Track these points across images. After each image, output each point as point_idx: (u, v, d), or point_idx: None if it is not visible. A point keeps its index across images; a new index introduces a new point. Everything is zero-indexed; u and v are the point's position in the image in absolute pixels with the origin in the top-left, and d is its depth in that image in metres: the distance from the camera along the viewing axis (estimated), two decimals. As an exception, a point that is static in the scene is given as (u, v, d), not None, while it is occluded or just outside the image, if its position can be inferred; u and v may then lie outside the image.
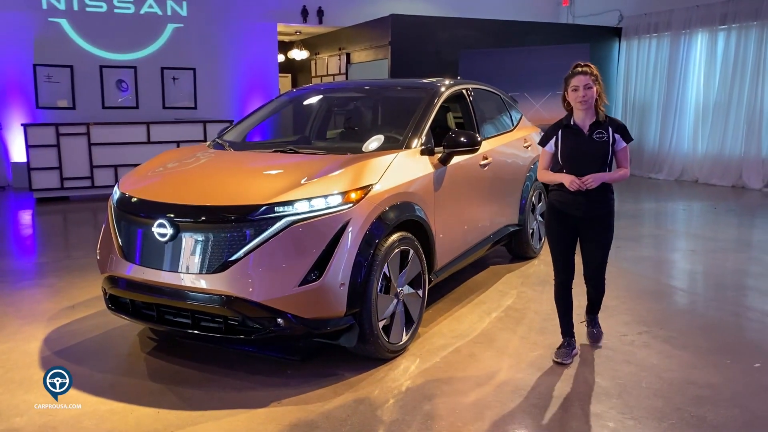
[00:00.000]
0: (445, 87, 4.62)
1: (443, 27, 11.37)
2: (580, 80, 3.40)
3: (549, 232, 3.71)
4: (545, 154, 3.66)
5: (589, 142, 3.45)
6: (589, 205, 3.48)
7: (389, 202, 3.56)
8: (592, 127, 3.45)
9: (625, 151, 3.52)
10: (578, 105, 3.43)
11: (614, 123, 3.50)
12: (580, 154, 3.47)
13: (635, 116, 12.76)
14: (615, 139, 3.48)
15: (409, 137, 4.04)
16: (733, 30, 10.93)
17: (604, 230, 3.59)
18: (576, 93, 3.41)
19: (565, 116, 3.58)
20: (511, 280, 5.25)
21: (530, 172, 5.63)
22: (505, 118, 5.62)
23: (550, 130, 3.63)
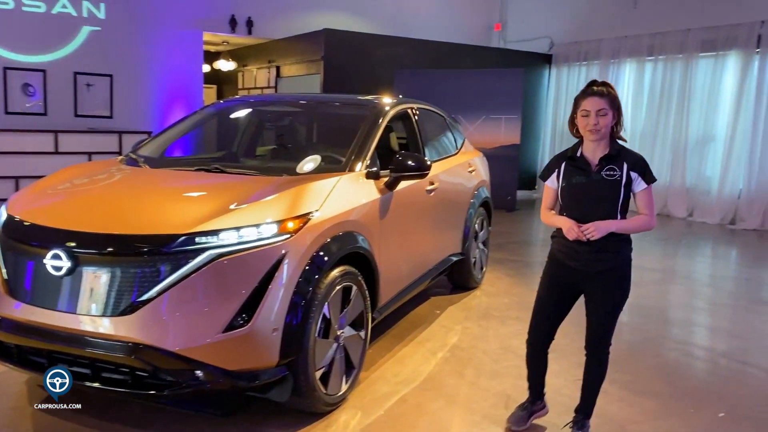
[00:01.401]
0: (390, 105, 4.24)
1: (378, 44, 11.09)
2: (593, 103, 2.73)
3: (540, 283, 3.06)
4: (548, 191, 3.01)
5: (596, 181, 2.78)
6: (592, 257, 2.80)
7: (331, 233, 3.12)
8: (602, 161, 2.77)
9: (647, 195, 2.80)
10: (588, 134, 2.76)
11: (631, 158, 2.78)
12: (583, 194, 2.81)
13: (564, 143, 12.82)
14: (631, 178, 2.76)
15: (352, 159, 3.62)
16: (660, 61, 11.18)
17: (612, 290, 2.85)
18: (587, 119, 2.74)
19: (573, 145, 2.92)
20: (454, 313, 4.89)
21: (474, 199, 5.33)
22: (449, 141, 5.30)
23: (552, 162, 2.99)
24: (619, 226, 2.79)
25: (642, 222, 2.82)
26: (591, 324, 2.93)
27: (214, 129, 4.95)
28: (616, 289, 2.86)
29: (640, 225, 2.82)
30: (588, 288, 2.89)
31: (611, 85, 2.81)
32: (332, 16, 12.29)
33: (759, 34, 9.69)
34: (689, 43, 10.65)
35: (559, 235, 2.93)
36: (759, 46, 9.72)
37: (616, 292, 2.86)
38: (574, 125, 2.87)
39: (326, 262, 3.03)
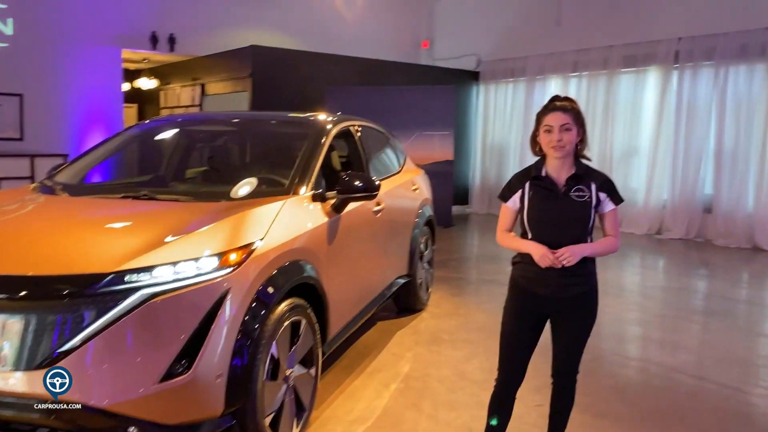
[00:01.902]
0: (332, 123, 4.01)
1: (307, 61, 10.87)
2: (556, 118, 2.57)
3: (505, 315, 2.77)
4: (507, 212, 2.76)
5: (565, 203, 2.58)
6: (563, 283, 2.60)
7: (278, 263, 2.85)
8: (570, 182, 2.59)
9: (614, 216, 2.65)
10: (552, 151, 2.58)
11: (598, 178, 2.64)
12: (552, 217, 2.61)
13: (494, 159, 12.98)
14: (599, 199, 2.60)
15: (296, 181, 3.36)
16: (584, 77, 11.47)
17: (582, 316, 2.69)
18: (550, 135, 2.57)
19: (535, 164, 2.70)
20: (403, 339, 4.68)
21: (418, 218, 5.16)
22: (392, 159, 5.12)
23: (514, 181, 2.74)
24: (593, 250, 2.61)
25: (610, 244, 2.67)
26: (559, 351, 2.75)
27: (139, 151, 4.58)
28: (586, 314, 2.71)
29: (609, 248, 2.66)
30: (557, 314, 2.71)
31: (574, 100, 2.68)
32: (258, 32, 11.98)
33: (677, 50, 10.07)
34: (612, 60, 10.96)
35: (523, 261, 2.72)
36: (677, 61, 10.09)
37: (586, 318, 2.71)
38: (536, 143, 2.69)
39: (273, 297, 2.76)
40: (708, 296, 6.50)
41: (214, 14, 11.87)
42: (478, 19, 13.32)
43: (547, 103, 2.68)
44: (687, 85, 10.00)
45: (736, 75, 9.46)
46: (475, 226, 11.38)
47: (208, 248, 2.59)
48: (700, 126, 9.86)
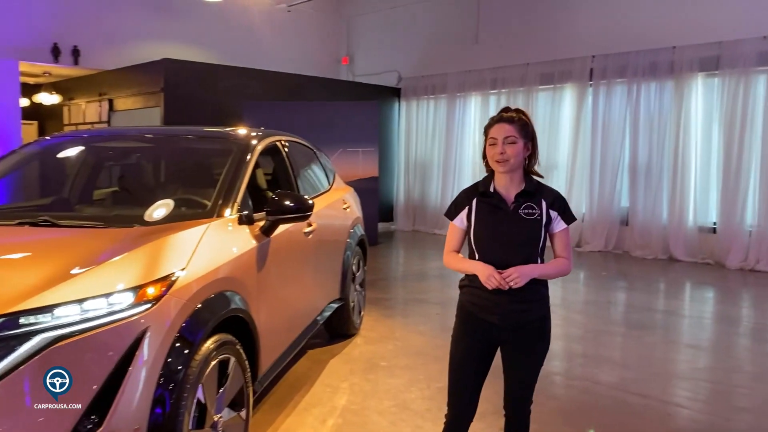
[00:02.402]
0: (258, 138, 3.71)
1: (224, 76, 10.46)
2: (500, 130, 2.42)
3: (453, 344, 2.58)
4: (453, 231, 2.59)
5: (514, 220, 2.43)
6: (513, 309, 2.43)
7: (203, 295, 2.53)
8: (518, 198, 2.44)
9: (566, 235, 2.50)
10: (496, 166, 2.43)
11: (549, 195, 2.49)
12: (499, 235, 2.44)
13: (417, 174, 12.94)
14: (551, 217, 2.45)
15: (220, 202, 3.04)
16: (503, 94, 11.62)
17: (534, 343, 2.51)
18: (493, 148, 2.42)
19: (483, 179, 2.54)
20: (337, 368, 4.40)
21: (350, 238, 4.91)
22: (321, 176, 4.86)
23: (461, 198, 2.58)
24: (543, 271, 2.44)
25: (562, 266, 2.50)
26: (512, 382, 2.56)
27: (39, 171, 4.10)
28: (539, 341, 2.53)
29: (560, 269, 2.49)
30: (507, 343, 2.51)
31: (524, 111, 2.52)
32: (171, 45, 11.45)
33: (591, 68, 10.37)
34: (529, 77, 11.18)
35: (471, 284, 2.52)
36: (591, 79, 10.39)
37: (539, 345, 2.53)
38: (485, 156, 2.53)
39: (198, 334, 2.43)
40: (633, 308, 6.58)
41: (123, 25, 11.26)
42: (398, 35, 13.33)
43: (494, 115, 2.53)
44: (602, 101, 10.30)
45: (648, 91, 9.82)
46: (401, 243, 11.25)
47: (121, 282, 2.24)
48: (615, 141, 10.17)
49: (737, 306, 6.83)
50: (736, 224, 8.88)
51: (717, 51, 9.06)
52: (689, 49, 9.32)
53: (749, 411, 3.84)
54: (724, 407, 3.88)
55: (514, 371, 2.54)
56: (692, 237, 9.38)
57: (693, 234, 9.37)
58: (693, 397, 4.06)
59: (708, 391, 4.17)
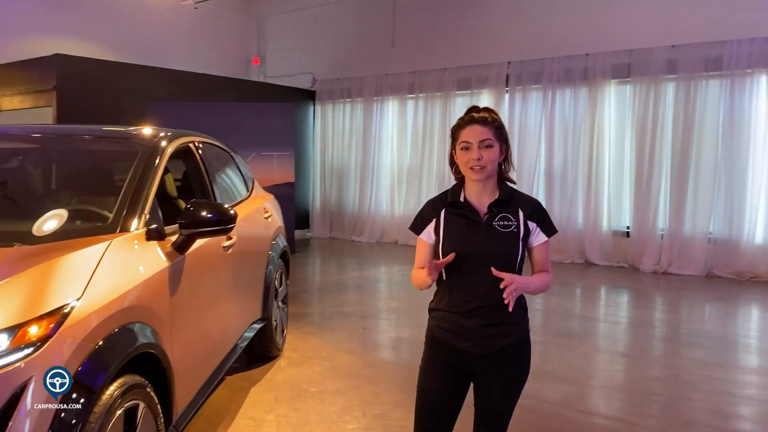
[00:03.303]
0: (168, 139, 3.20)
1: (125, 74, 9.67)
2: (474, 133, 2.13)
3: (421, 374, 2.27)
4: (421, 247, 2.29)
5: (488, 234, 2.15)
6: (487, 333, 2.14)
7: (103, 331, 2.04)
8: (492, 209, 2.17)
9: (546, 249, 2.24)
10: (470, 173, 2.15)
11: (527, 204, 2.21)
12: (472, 251, 2.14)
13: (334, 180, 12.56)
14: (529, 229, 2.18)
15: (124, 214, 2.54)
16: (421, 99, 11.46)
17: (511, 371, 2.21)
18: (468, 154, 2.14)
19: (452, 188, 2.28)
20: (260, 397, 3.94)
21: (272, 251, 4.47)
22: (239, 182, 4.39)
23: (427, 209, 2.29)
24: (537, 284, 2.18)
25: (546, 280, 2.24)
26: (484, 414, 2.25)
27: None
28: (517, 369, 2.23)
29: (545, 283, 2.23)
30: (481, 371, 2.21)
31: (495, 111, 2.24)
32: (64, 40, 10.48)
33: (507, 74, 10.37)
34: (446, 82, 11.07)
35: (440, 308, 2.24)
36: (508, 85, 10.40)
37: (516, 374, 2.23)
38: (454, 163, 2.25)
39: (98, 379, 1.96)
40: (558, 315, 6.48)
41: (8, 17, 10.19)
42: (312, 36, 12.90)
43: (463, 115, 2.23)
44: (518, 107, 10.32)
45: (563, 98, 9.92)
46: (319, 252, 10.82)
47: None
48: (531, 146, 10.21)
49: (658, 310, 6.90)
50: (649, 228, 9.09)
51: (628, 59, 9.27)
52: (602, 57, 9.48)
53: (697, 426, 3.72)
54: (675, 422, 3.74)
55: (488, 402, 2.24)
56: (607, 241, 9.53)
57: (608, 238, 9.53)
58: (638, 411, 3.90)
59: (654, 404, 4.03)
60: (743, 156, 8.44)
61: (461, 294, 2.17)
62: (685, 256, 8.77)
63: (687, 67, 8.77)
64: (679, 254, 8.82)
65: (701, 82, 8.75)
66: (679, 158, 8.86)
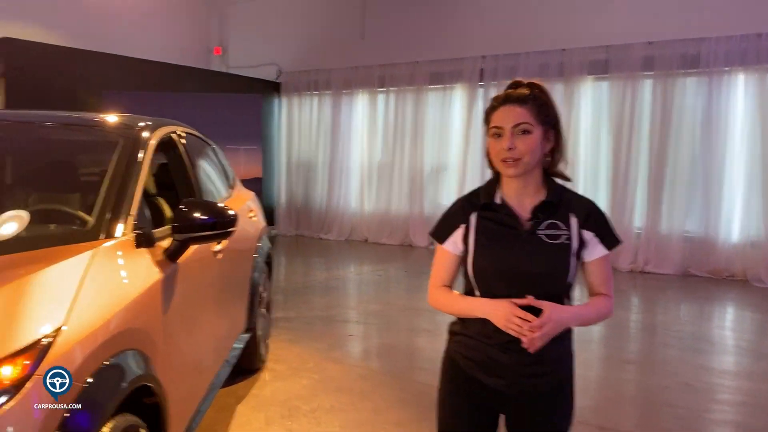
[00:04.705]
0: (150, 129, 2.77)
1: (78, 61, 9.06)
2: (507, 116, 1.72)
3: (439, 408, 1.89)
4: (443, 259, 1.86)
5: (531, 245, 1.73)
6: (524, 372, 1.74)
7: (92, 366, 1.64)
8: (537, 213, 1.76)
9: (605, 265, 1.80)
10: (502, 167, 1.74)
11: (581, 208, 1.79)
12: (510, 267, 1.73)
13: (300, 175, 12.12)
14: (584, 240, 1.76)
15: (109, 216, 2.12)
16: (392, 93, 11.12)
17: (554, 415, 1.82)
18: (498, 142, 1.73)
19: (486, 184, 1.86)
20: (248, 416, 3.54)
21: (257, 254, 4.07)
22: (222, 178, 3.97)
23: (454, 212, 1.87)
24: (583, 316, 1.77)
25: (604, 307, 1.81)
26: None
27: None
28: (561, 413, 1.84)
29: (601, 312, 1.81)
30: (514, 414, 1.83)
31: (541, 86, 1.80)
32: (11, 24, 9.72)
33: (481, 68, 10.13)
34: (418, 76, 10.75)
35: (465, 332, 1.82)
36: (482, 79, 10.15)
37: (558, 420, 1.84)
38: (489, 154, 1.83)
39: (88, 426, 1.55)
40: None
41: (-51, -3, 9.40)
42: (277, 27, 12.36)
43: (498, 94, 1.82)
44: (492, 102, 10.09)
45: (538, 93, 9.72)
46: (285, 249, 10.38)
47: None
48: (507, 142, 9.98)
49: (645, 312, 6.76)
50: (625, 226, 8.93)
51: (605, 55, 9.13)
52: (578, 52, 9.32)
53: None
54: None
55: None
56: (583, 240, 9.40)
57: (584, 237, 9.39)
58: (654, 424, 3.67)
59: (670, 417, 3.80)
60: (720, 154, 8.38)
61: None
62: (662, 254, 8.69)
63: (664, 64, 8.67)
64: (656, 253, 8.73)
65: (679, 79, 8.67)
66: (656, 156, 8.76)
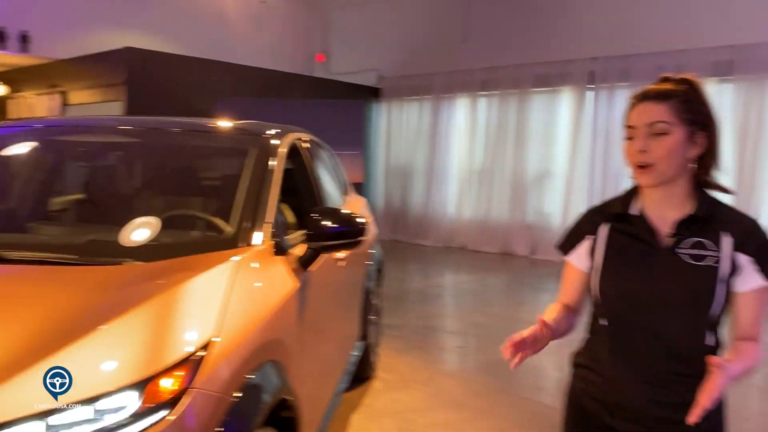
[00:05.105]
0: (278, 135, 2.77)
1: (194, 69, 9.42)
2: (642, 114, 1.46)
3: None
4: (568, 273, 1.67)
5: (668, 265, 1.47)
6: (668, 417, 1.47)
7: (241, 378, 1.60)
8: (681, 228, 1.48)
9: (760, 299, 1.47)
10: (635, 172, 1.49)
11: (739, 225, 1.48)
12: (644, 291, 1.47)
13: (398, 180, 12.10)
14: (737, 265, 1.45)
15: (247, 224, 2.10)
16: (494, 97, 10.89)
17: None
18: (631, 144, 1.49)
19: (623, 194, 1.61)
20: (363, 427, 3.47)
21: (371, 262, 4.02)
22: (337, 185, 3.95)
23: (583, 222, 1.65)
24: (741, 369, 1.43)
25: (754, 359, 1.47)
26: None
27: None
28: None
29: (753, 363, 1.47)
30: None
31: (694, 80, 1.51)
32: (132, 34, 10.29)
33: (591, 71, 9.71)
34: (523, 79, 10.45)
35: (590, 365, 1.59)
36: (592, 82, 9.73)
37: None
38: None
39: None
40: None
41: (79, 11, 10.08)
42: (378, 32, 12.44)
43: (637, 91, 1.53)
44: (603, 106, 9.65)
45: (654, 97, 9.22)
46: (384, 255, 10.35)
47: (117, 373, 1.31)
48: (618, 148, 9.44)
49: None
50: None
51: (729, 55, 8.51)
52: (699, 53, 8.72)
53: None
54: None
55: None
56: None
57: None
58: None
59: None
60: None
61: (627, 353, 1.51)
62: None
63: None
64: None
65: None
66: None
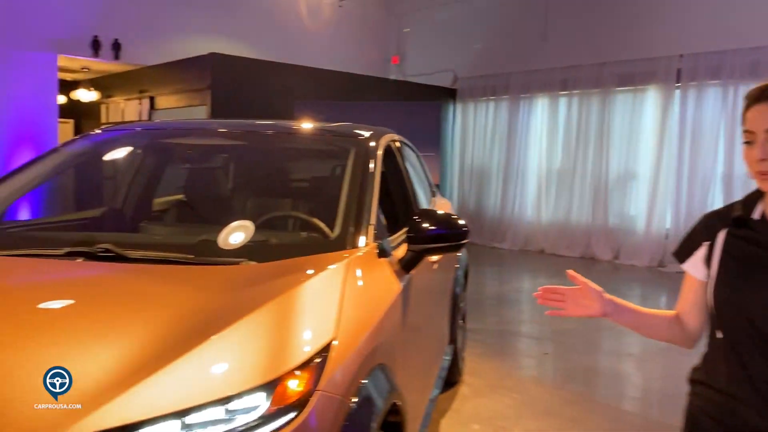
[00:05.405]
0: (375, 138, 2.77)
1: (273, 73, 9.64)
2: (758, 117, 1.36)
3: None
4: (685, 282, 1.56)
5: None
6: None
7: (357, 382, 1.59)
8: None
9: None
10: (758, 179, 1.38)
11: None
12: (762, 298, 1.35)
13: (473, 182, 11.97)
14: None
15: (352, 228, 2.11)
16: (575, 96, 10.61)
17: None
18: (750, 150, 1.37)
19: (745, 198, 1.47)
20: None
21: (459, 265, 3.97)
22: (426, 186, 3.93)
23: (700, 228, 1.53)
24: None
25: None
26: None
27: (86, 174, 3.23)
28: None
29: None
30: None
31: None
32: (215, 41, 10.63)
33: (678, 68, 9.31)
34: (605, 78, 10.14)
35: (710, 382, 1.46)
36: (679, 80, 9.32)
37: None
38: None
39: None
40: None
41: (166, 19, 10.50)
42: (453, 33, 12.36)
43: (752, 88, 1.43)
44: (691, 105, 9.24)
45: (747, 95, 8.74)
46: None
47: (248, 373, 1.33)
48: (707, 150, 9.08)
49: None
50: None
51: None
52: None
53: None
54: None
55: None
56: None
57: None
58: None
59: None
60: None
61: (746, 369, 1.37)
62: None
63: None
64: None
65: None
66: None
